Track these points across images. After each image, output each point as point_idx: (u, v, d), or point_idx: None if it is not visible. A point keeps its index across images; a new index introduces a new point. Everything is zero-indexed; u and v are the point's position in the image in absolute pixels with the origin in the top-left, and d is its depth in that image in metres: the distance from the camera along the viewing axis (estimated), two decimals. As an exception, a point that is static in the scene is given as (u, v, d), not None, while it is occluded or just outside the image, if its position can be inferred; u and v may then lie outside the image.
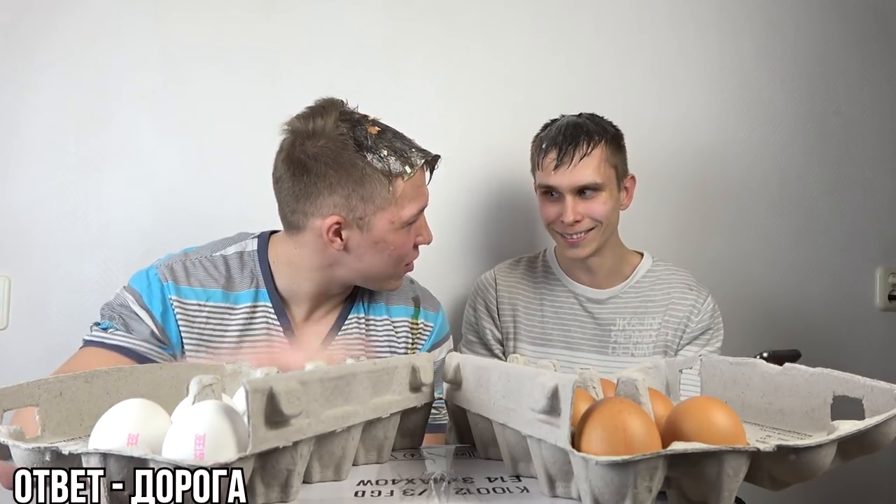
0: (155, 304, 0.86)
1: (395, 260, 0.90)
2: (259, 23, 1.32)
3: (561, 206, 1.10)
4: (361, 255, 0.87)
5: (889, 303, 1.61)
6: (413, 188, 0.87)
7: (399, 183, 0.85)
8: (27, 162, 1.22)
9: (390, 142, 0.85)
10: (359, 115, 0.87)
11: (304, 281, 0.90)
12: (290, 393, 0.46)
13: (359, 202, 0.84)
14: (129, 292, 0.87)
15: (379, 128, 0.86)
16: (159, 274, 0.88)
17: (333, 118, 0.84)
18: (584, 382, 0.57)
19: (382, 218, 0.85)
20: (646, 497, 0.41)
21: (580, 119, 1.13)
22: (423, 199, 0.89)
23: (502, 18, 1.44)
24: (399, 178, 0.84)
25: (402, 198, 0.85)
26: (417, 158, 0.87)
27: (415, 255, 0.94)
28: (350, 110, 0.87)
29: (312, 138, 0.83)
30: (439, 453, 0.65)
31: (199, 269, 0.90)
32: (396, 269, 0.92)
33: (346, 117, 0.85)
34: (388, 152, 0.84)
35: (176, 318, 0.86)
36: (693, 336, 1.14)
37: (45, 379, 0.53)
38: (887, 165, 1.63)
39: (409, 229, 0.88)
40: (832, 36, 1.60)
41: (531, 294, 1.22)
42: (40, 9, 1.23)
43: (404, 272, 0.95)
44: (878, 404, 0.51)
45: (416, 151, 0.87)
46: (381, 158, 0.83)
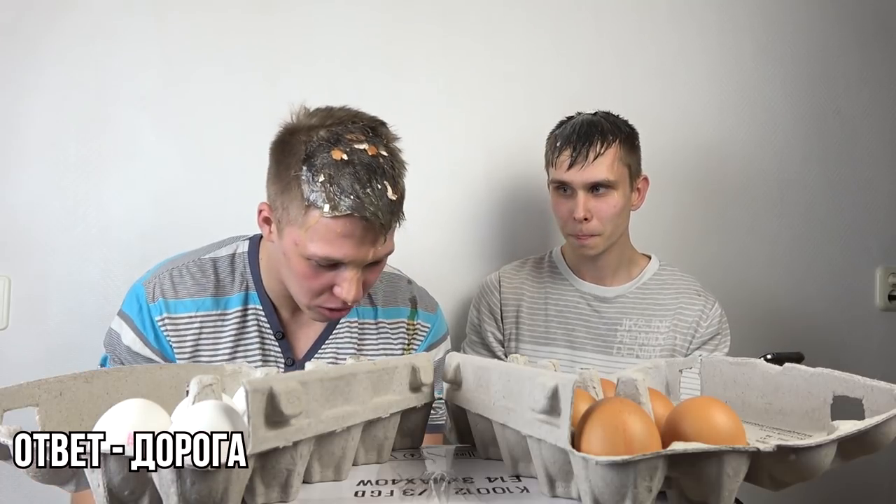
0: (147, 329, 0.86)
1: (303, 289, 0.82)
2: (259, 23, 1.32)
3: (573, 203, 1.10)
4: (280, 261, 0.84)
5: (889, 303, 1.61)
6: (326, 230, 0.76)
7: (314, 213, 0.76)
8: (27, 162, 1.22)
9: (340, 175, 0.75)
10: (353, 136, 0.78)
11: (282, 282, 0.88)
12: (290, 393, 0.46)
13: (279, 205, 0.80)
14: (123, 319, 0.88)
15: (347, 158, 0.76)
16: (146, 293, 0.87)
17: (321, 123, 0.79)
18: (584, 382, 0.57)
19: (291, 234, 0.79)
20: (646, 497, 0.41)
21: (595, 117, 1.13)
22: (341, 250, 0.77)
23: (502, 18, 1.44)
24: (314, 208, 0.76)
25: (312, 231, 0.77)
26: (346, 206, 0.75)
27: (332, 302, 0.83)
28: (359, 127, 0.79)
29: (293, 130, 0.81)
30: (439, 453, 0.65)
31: (187, 277, 0.89)
32: (305, 299, 0.83)
33: (336, 129, 0.78)
34: (325, 181, 0.75)
35: (168, 339, 0.87)
36: (702, 341, 1.15)
37: (45, 379, 0.53)
38: (887, 165, 1.63)
39: (314, 266, 0.79)
40: (832, 36, 1.60)
41: (536, 293, 1.23)
42: (40, 9, 1.23)
43: (322, 313, 0.85)
44: (878, 404, 0.51)
45: (355, 201, 0.75)
46: (312, 181, 0.76)
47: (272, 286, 0.90)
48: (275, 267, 0.88)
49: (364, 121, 0.81)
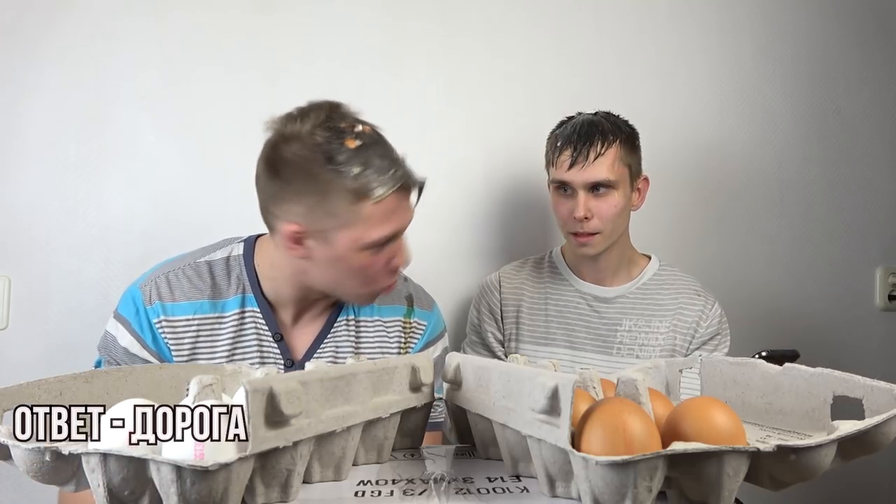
0: (144, 331, 0.86)
1: (361, 280, 0.85)
2: (259, 23, 1.32)
3: (573, 202, 1.10)
4: (325, 268, 0.84)
5: (889, 303, 1.61)
6: (383, 211, 0.80)
7: (366, 203, 0.79)
8: (27, 162, 1.22)
9: (368, 159, 0.78)
10: (347, 124, 0.80)
11: (286, 285, 0.88)
12: (290, 393, 0.46)
13: (322, 215, 0.79)
14: (120, 321, 0.87)
15: (361, 142, 0.79)
16: (143, 296, 0.87)
17: (312, 124, 0.78)
18: (584, 382, 0.57)
19: (345, 236, 0.80)
20: (646, 497, 0.41)
21: (596, 117, 1.13)
22: (395, 223, 0.82)
23: (502, 18, 1.44)
24: (366, 198, 0.78)
25: (370, 219, 0.79)
26: (392, 181, 0.79)
27: (388, 278, 0.87)
28: (341, 115, 0.80)
29: (288, 142, 0.79)
30: (439, 453, 0.65)
31: (183, 280, 0.89)
32: (364, 289, 0.87)
33: (329, 124, 0.79)
34: (361, 170, 0.77)
35: (166, 342, 0.86)
36: (702, 341, 1.15)
37: (45, 379, 0.53)
38: (887, 165, 1.63)
39: (377, 250, 0.82)
40: (832, 36, 1.60)
41: (536, 294, 1.22)
42: (40, 9, 1.23)
43: (377, 293, 0.89)
44: (878, 404, 0.51)
45: (395, 173, 0.80)
46: (350, 176, 0.77)
47: (271, 288, 0.90)
48: (281, 270, 0.88)
49: (334, 107, 0.81)
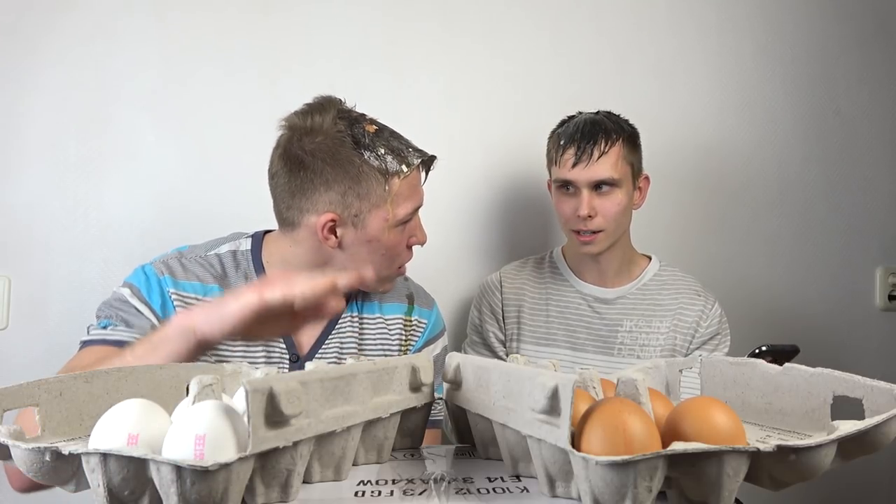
0: (154, 297, 0.85)
1: (388, 260, 0.90)
2: (259, 23, 1.32)
3: (577, 201, 1.10)
4: (355, 254, 0.88)
5: (889, 303, 1.61)
6: (408, 187, 0.88)
7: (395, 181, 0.86)
8: (27, 162, 1.22)
9: (387, 140, 0.86)
10: (356, 113, 0.88)
11: None
12: (290, 393, 0.46)
13: (354, 199, 0.84)
14: (127, 287, 0.86)
15: (376, 126, 0.87)
16: (156, 269, 0.87)
17: (332, 115, 0.84)
18: (584, 382, 0.57)
19: (377, 216, 0.86)
20: (646, 497, 0.41)
21: (598, 116, 1.13)
22: (417, 199, 0.90)
23: (502, 18, 1.44)
24: (395, 176, 0.85)
25: (398, 196, 0.86)
26: (413, 158, 0.88)
27: (408, 256, 0.94)
28: (348, 109, 0.88)
29: (310, 134, 0.84)
30: (439, 453, 0.65)
31: (196, 265, 0.90)
32: (389, 270, 0.92)
33: (343, 115, 0.86)
34: (385, 151, 0.85)
35: (175, 310, 0.85)
36: (702, 341, 1.15)
37: (45, 379, 0.53)
38: (887, 165, 1.63)
39: (402, 229, 0.89)
40: (832, 36, 1.60)
41: (537, 294, 1.22)
42: (40, 9, 1.23)
43: (397, 275, 0.95)
44: (878, 404, 0.51)
45: (412, 151, 0.89)
46: (378, 157, 0.85)
47: None
48: (296, 266, 0.88)
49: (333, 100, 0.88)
